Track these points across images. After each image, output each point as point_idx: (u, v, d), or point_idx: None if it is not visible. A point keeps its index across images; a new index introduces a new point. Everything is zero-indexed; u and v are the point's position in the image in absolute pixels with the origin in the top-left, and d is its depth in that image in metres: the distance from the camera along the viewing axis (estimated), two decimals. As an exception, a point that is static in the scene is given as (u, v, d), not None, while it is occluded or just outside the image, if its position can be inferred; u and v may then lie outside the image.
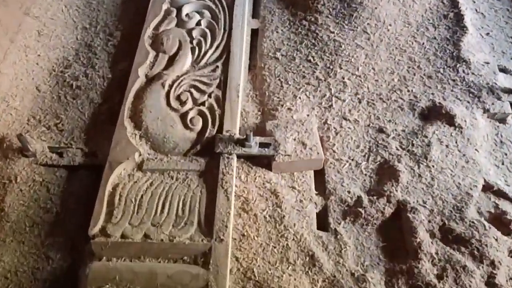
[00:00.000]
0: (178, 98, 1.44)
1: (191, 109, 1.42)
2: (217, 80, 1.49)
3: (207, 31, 1.63)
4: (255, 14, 1.81)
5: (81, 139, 1.39)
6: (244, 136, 1.30)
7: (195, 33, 1.63)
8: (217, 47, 1.59)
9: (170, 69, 1.52)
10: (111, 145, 1.32)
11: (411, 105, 1.47)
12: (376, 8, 1.68)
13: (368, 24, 1.66)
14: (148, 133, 1.36)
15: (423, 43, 1.63)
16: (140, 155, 1.32)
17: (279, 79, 1.55)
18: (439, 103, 1.45)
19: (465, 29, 1.65)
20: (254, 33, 1.74)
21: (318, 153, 1.31)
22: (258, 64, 1.62)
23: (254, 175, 1.31)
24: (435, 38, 1.64)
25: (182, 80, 1.49)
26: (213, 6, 1.72)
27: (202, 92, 1.46)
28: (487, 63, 1.55)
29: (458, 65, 1.55)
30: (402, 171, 1.30)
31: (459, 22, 1.67)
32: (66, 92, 1.51)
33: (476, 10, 1.78)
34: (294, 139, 1.33)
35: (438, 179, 1.28)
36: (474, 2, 1.81)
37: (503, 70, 1.57)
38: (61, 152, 1.34)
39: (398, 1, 1.72)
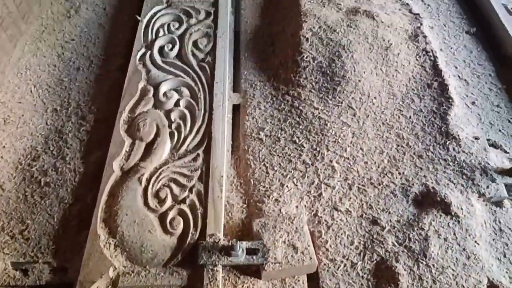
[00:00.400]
0: (156, 195, 1.25)
1: (171, 208, 1.23)
2: (199, 172, 1.31)
3: (187, 112, 1.46)
4: (235, 87, 1.65)
5: (49, 250, 1.18)
6: (230, 243, 1.12)
7: (173, 116, 1.45)
8: (198, 132, 1.41)
9: (148, 160, 1.33)
10: (83, 258, 1.12)
11: (403, 190, 1.31)
12: (359, 80, 1.54)
13: (352, 98, 1.52)
14: (124, 241, 1.16)
15: (410, 117, 1.49)
16: (115, 269, 1.12)
17: (264, 164, 1.38)
18: (433, 188, 1.30)
19: (450, 100, 1.51)
20: (236, 108, 1.58)
21: (310, 258, 1.13)
22: (242, 146, 1.45)
23: (242, 286, 1.12)
24: (421, 110, 1.51)
25: (160, 173, 1.30)
26: (192, 84, 1.54)
27: (182, 186, 1.28)
28: (477, 138, 1.42)
29: (447, 142, 1.41)
30: (401, 274, 1.13)
31: (444, 93, 1.54)
32: (34, 190, 1.30)
33: (459, 77, 1.66)
34: (284, 242, 1.16)
35: (440, 281, 1.12)
36: (456, 68, 1.68)
37: (493, 145, 1.44)
38: (26, 269, 1.13)
39: (381, 72, 1.59)
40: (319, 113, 1.49)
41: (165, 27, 1.74)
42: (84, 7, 1.89)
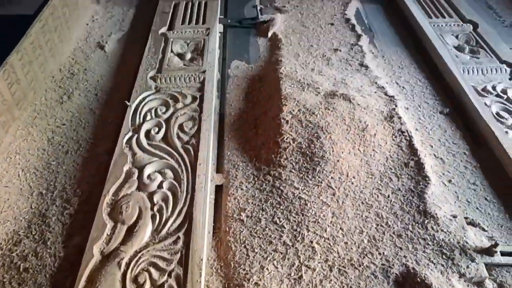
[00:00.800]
0: (135, 280, 1.28)
1: (148, 294, 1.26)
2: (178, 255, 1.35)
3: (169, 194, 1.53)
4: (219, 168, 1.74)
5: None
6: (207, 331, 1.13)
7: (156, 198, 1.52)
8: (179, 214, 1.47)
9: (129, 243, 1.37)
10: None
11: (384, 271, 1.35)
12: (338, 160, 1.64)
13: (332, 178, 1.61)
14: (98, 330, 1.18)
15: (389, 196, 1.57)
16: None
17: (244, 246, 1.42)
18: (413, 268, 1.34)
19: (427, 179, 1.61)
20: (219, 189, 1.66)
21: None
22: (223, 227, 1.51)
23: None
24: (399, 189, 1.59)
25: (140, 257, 1.34)
26: (176, 166, 1.64)
27: (161, 270, 1.31)
28: (455, 216, 1.49)
29: (426, 221, 1.47)
30: None
31: (421, 171, 1.64)
32: (12, 277, 1.33)
33: (435, 155, 1.77)
34: (263, 328, 1.17)
35: None
36: (432, 147, 1.80)
37: (471, 223, 1.50)
38: None
39: (359, 152, 1.70)
40: (299, 193, 1.57)
41: (153, 111, 1.89)
42: (77, 93, 2.05)
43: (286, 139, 1.72)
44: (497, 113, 1.88)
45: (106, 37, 2.49)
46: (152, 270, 1.31)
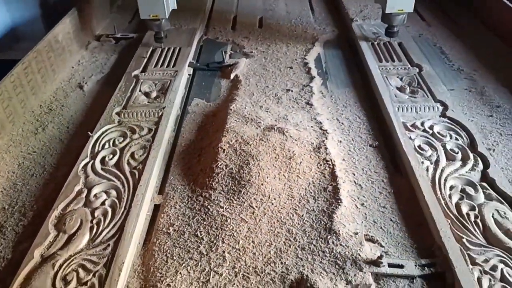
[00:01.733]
0: (64, 278, 1.56)
1: (73, 288, 1.53)
2: (105, 259, 1.63)
3: (109, 210, 1.83)
4: (161, 190, 2.04)
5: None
6: (112, 318, 1.38)
7: (97, 212, 1.82)
8: (114, 226, 1.76)
9: (65, 249, 1.66)
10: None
11: (282, 278, 1.58)
12: (262, 184, 1.92)
13: (254, 199, 1.88)
14: (26, 316, 1.45)
15: (302, 215, 1.82)
16: None
17: (166, 254, 1.69)
18: (306, 275, 1.57)
19: (339, 201, 1.85)
20: (158, 208, 1.94)
21: (180, 333, 1.37)
22: (152, 239, 1.78)
23: None
24: (313, 210, 1.84)
25: (72, 260, 1.62)
26: (120, 186, 1.95)
27: (88, 271, 1.58)
28: (356, 233, 1.72)
29: (329, 237, 1.71)
30: None
31: (335, 195, 1.89)
32: (-36, 274, 1.63)
33: (355, 182, 2.02)
34: (161, 319, 1.42)
35: None
36: (354, 174, 2.06)
37: (371, 240, 1.72)
38: None
39: (284, 177, 1.97)
40: (223, 211, 1.84)
41: (111, 141, 2.23)
42: (51, 126, 2.43)
43: (220, 165, 2.02)
44: (419, 146, 2.13)
45: (87, 78, 2.91)
46: (80, 270, 1.59)
